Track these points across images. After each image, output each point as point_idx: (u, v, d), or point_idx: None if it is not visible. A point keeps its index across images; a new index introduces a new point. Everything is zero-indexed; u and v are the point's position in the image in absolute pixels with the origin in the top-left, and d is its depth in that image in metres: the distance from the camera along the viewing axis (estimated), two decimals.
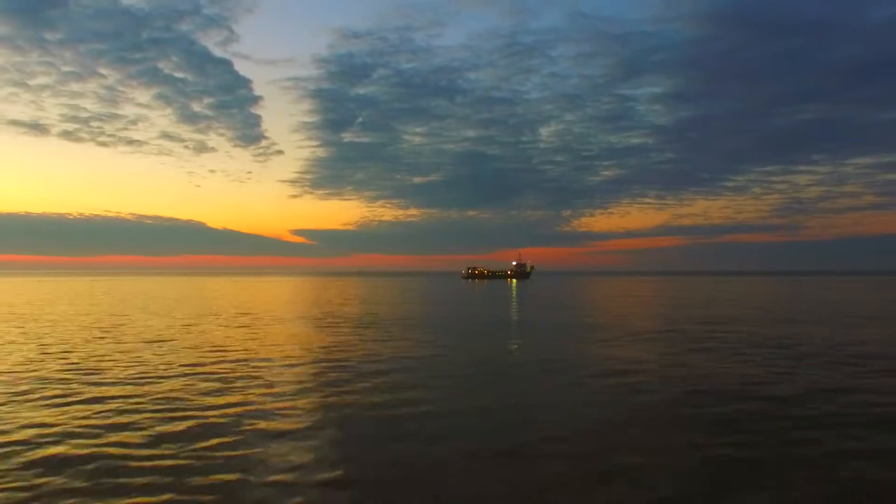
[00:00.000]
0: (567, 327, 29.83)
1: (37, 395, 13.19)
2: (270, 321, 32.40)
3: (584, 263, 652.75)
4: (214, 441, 9.76)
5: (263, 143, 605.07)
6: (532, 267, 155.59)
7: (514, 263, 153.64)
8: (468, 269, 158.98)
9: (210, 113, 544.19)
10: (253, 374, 16.15)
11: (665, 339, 24.65)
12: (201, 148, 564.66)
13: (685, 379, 15.59)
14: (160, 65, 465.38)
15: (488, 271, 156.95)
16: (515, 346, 22.80)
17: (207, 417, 11.38)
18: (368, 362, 18.00)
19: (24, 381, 14.80)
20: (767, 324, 31.12)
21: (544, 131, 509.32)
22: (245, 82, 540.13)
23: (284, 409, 12.14)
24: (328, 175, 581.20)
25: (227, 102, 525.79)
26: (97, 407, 12.14)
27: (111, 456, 8.98)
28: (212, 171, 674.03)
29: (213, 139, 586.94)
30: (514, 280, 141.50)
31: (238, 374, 16.05)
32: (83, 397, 13.10)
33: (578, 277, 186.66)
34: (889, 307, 44.91)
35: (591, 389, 14.24)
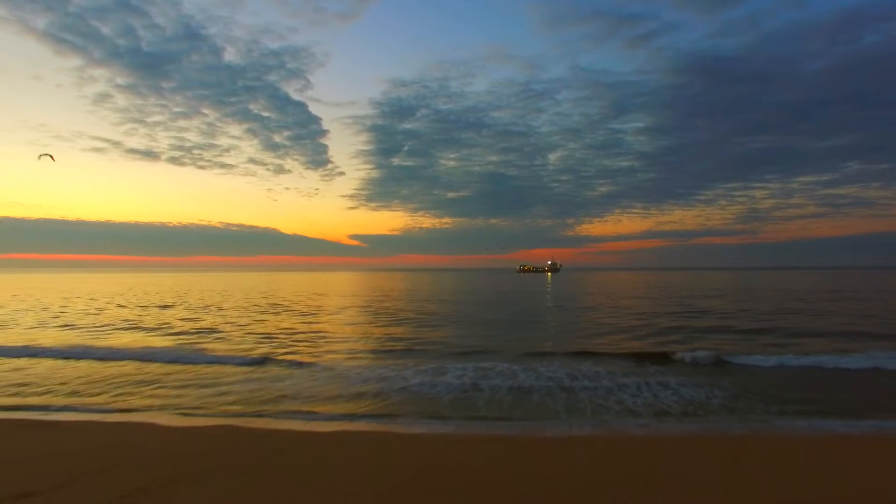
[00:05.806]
0: (570, 291, 53.42)
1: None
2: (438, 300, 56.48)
3: (585, 262, 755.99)
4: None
5: (329, 166, 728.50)
6: (560, 264, 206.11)
7: (550, 262, 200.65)
8: (521, 266, 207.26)
9: (287, 143, 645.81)
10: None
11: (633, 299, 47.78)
12: (279, 170, 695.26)
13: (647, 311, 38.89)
14: (250, 106, 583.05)
15: (533, 267, 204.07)
16: (550, 298, 46.50)
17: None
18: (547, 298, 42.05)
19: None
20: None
21: (552, 157, 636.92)
22: (316, 119, 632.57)
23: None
24: (379, 191, 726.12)
25: (301, 135, 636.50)
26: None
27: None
28: (287, 188, 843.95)
29: (289, 163, 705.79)
30: (550, 273, 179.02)
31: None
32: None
33: (582, 272, 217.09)
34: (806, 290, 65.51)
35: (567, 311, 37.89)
